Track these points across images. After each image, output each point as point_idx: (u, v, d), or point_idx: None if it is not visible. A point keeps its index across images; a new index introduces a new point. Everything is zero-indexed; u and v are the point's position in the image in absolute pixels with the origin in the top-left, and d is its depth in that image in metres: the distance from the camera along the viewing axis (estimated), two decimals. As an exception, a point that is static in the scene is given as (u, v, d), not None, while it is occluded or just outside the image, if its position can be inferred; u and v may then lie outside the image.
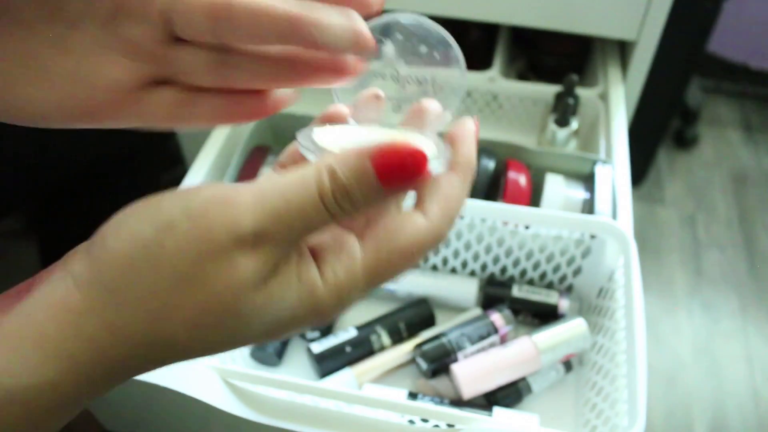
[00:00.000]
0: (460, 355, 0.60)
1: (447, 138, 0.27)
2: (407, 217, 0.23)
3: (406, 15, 0.29)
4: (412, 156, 0.21)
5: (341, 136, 0.27)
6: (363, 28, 0.25)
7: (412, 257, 0.23)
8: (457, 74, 0.30)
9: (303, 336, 0.64)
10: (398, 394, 0.58)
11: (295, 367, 0.63)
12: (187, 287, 0.20)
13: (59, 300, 0.19)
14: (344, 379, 0.59)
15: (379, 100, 0.29)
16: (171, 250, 0.19)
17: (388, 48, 0.30)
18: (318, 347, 0.61)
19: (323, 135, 0.26)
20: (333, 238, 0.23)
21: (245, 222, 0.20)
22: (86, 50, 0.24)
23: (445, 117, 0.30)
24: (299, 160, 0.27)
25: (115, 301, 0.19)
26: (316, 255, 0.22)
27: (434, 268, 0.69)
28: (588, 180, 0.68)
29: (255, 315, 0.21)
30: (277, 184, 0.21)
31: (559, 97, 0.77)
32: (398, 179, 0.21)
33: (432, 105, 0.29)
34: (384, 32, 0.30)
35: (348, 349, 0.61)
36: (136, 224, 0.20)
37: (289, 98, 0.29)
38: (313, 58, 0.27)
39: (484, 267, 0.67)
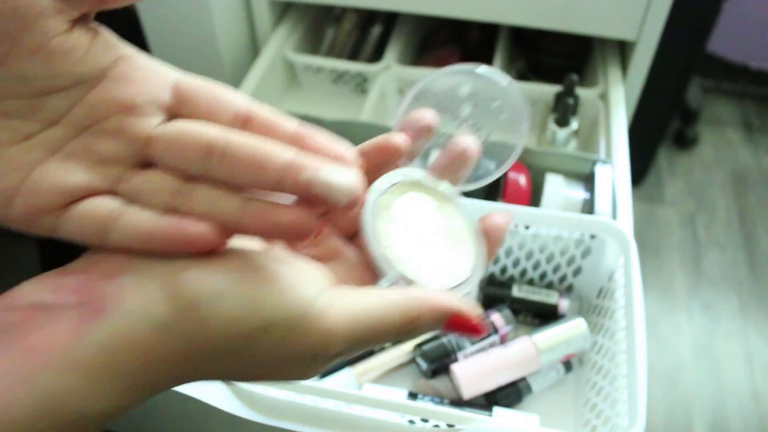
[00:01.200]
0: (460, 355, 0.60)
1: (481, 228, 0.31)
2: None
3: (501, 74, 0.30)
4: (476, 327, 0.25)
5: (410, 249, 0.28)
6: (361, 187, 0.22)
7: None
8: (513, 147, 0.31)
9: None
10: (398, 394, 0.58)
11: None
12: (262, 370, 0.23)
13: (139, 342, 0.20)
14: (344, 378, 0.59)
15: (429, 132, 0.29)
16: (262, 348, 0.22)
17: (465, 88, 0.30)
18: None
19: (395, 246, 0.27)
20: None
21: (335, 348, 0.23)
22: (47, 150, 0.22)
23: (477, 176, 0.32)
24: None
25: (199, 361, 0.22)
26: None
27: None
28: (588, 180, 0.68)
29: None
30: (368, 313, 0.23)
31: (559, 97, 0.77)
32: (456, 332, 0.25)
33: (474, 152, 0.30)
34: (469, 72, 0.30)
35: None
36: (237, 310, 0.21)
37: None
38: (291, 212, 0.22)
39: (484, 267, 0.67)
